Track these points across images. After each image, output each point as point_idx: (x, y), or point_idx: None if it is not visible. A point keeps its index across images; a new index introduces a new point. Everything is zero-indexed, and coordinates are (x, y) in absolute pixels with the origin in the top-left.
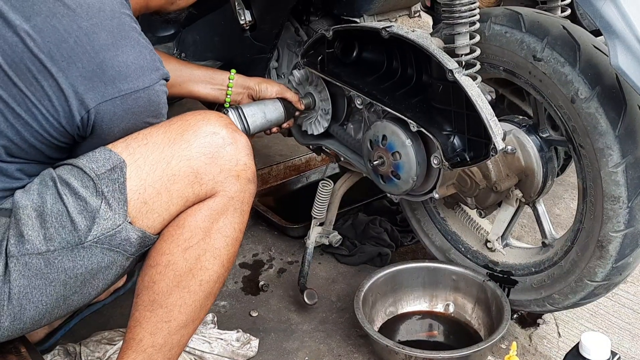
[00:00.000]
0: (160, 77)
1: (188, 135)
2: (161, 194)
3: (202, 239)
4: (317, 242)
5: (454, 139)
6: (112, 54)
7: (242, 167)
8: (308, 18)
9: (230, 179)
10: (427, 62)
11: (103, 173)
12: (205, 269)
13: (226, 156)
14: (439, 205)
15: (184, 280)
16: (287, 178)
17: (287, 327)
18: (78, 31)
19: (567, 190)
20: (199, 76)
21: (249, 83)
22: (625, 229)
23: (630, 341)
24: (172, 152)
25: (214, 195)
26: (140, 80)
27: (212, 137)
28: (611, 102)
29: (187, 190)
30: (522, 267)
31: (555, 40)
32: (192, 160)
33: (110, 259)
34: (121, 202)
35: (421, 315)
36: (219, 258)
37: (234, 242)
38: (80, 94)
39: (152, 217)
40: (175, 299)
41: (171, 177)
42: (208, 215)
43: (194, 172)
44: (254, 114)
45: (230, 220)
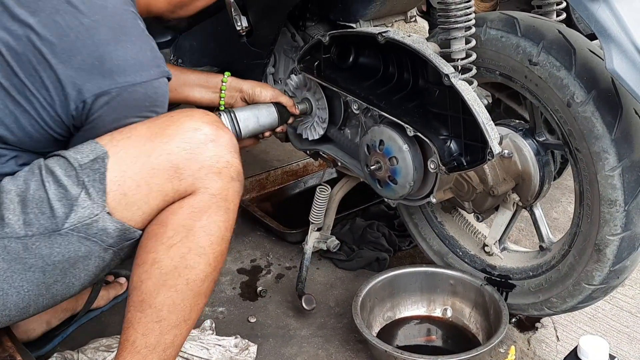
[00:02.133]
0: (160, 74)
1: (170, 130)
2: (140, 187)
3: (185, 236)
4: (315, 247)
5: (451, 144)
6: (112, 48)
7: (224, 165)
8: (304, 23)
9: (211, 176)
10: (423, 66)
11: (85, 163)
12: (191, 268)
13: (207, 152)
14: (436, 210)
15: (170, 279)
16: (285, 183)
17: (285, 333)
18: (79, 27)
19: (564, 193)
20: (193, 80)
21: (243, 86)
22: (622, 232)
23: (629, 344)
24: (153, 146)
25: (194, 193)
26: (138, 74)
27: (194, 132)
28: (607, 105)
29: (166, 185)
30: (520, 271)
31: (550, 44)
32: (172, 154)
33: (87, 248)
34: (100, 192)
35: (419, 320)
36: (205, 256)
37: (220, 241)
38: (77, 85)
39: (132, 210)
40: (164, 299)
41: (150, 171)
42: (190, 213)
43: (174, 166)
44: (247, 117)
45: (214, 219)
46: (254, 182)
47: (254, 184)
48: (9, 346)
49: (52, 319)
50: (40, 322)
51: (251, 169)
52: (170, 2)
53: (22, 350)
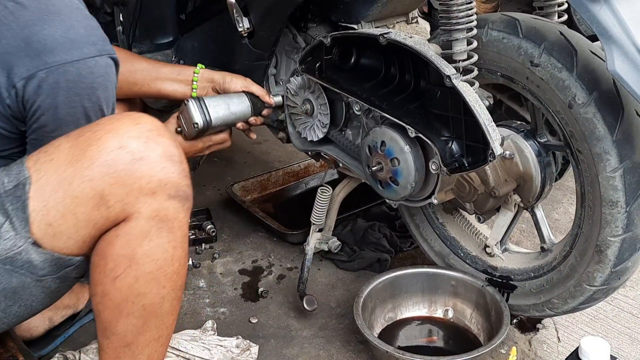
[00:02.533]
0: (97, 52)
1: (91, 151)
2: (66, 217)
3: (129, 266)
4: (316, 248)
5: (452, 145)
6: (38, 28)
7: (157, 184)
8: (306, 25)
9: (143, 199)
10: (425, 68)
11: (10, 189)
12: (144, 294)
13: (135, 174)
14: (437, 211)
15: (125, 308)
16: (286, 184)
17: (286, 334)
18: (3, 11)
19: (566, 195)
20: (165, 74)
21: (214, 76)
22: (623, 233)
23: (630, 345)
24: (74, 172)
25: (128, 219)
26: (69, 53)
27: (118, 153)
28: (608, 107)
29: (93, 214)
30: (521, 272)
31: (552, 45)
32: (95, 181)
33: (18, 279)
34: (23, 222)
35: (420, 321)
36: (155, 281)
37: (170, 262)
38: (6, 70)
39: (62, 239)
40: (125, 326)
41: (74, 199)
42: (126, 241)
43: (98, 194)
44: (217, 104)
45: (157, 242)
46: (256, 183)
47: (256, 185)
48: (12, 346)
49: (55, 316)
50: (43, 320)
51: (252, 170)
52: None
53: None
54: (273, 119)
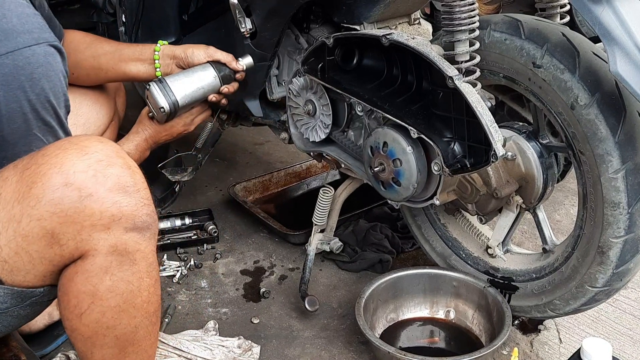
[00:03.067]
0: (34, 41)
1: (37, 189)
2: (20, 254)
3: (92, 302)
4: (318, 248)
5: (455, 146)
6: None
7: (110, 219)
8: (308, 26)
9: (97, 235)
10: (427, 69)
11: None
12: (113, 327)
13: (85, 211)
14: (439, 212)
15: (97, 340)
16: (288, 185)
17: (288, 334)
18: None
19: (568, 196)
20: (127, 55)
21: (176, 52)
22: (625, 234)
23: (632, 347)
24: (22, 210)
25: (85, 255)
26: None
27: (64, 190)
28: (611, 108)
29: (47, 252)
30: (523, 273)
31: (554, 47)
32: (43, 220)
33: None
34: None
35: (422, 322)
36: (125, 312)
37: (137, 293)
38: None
39: (21, 274)
40: (102, 355)
41: (25, 238)
42: (86, 278)
43: (48, 233)
44: (181, 82)
45: (120, 277)
46: (257, 183)
47: (257, 185)
48: (14, 346)
49: (54, 312)
50: (42, 315)
51: (254, 170)
52: None
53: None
54: (275, 120)
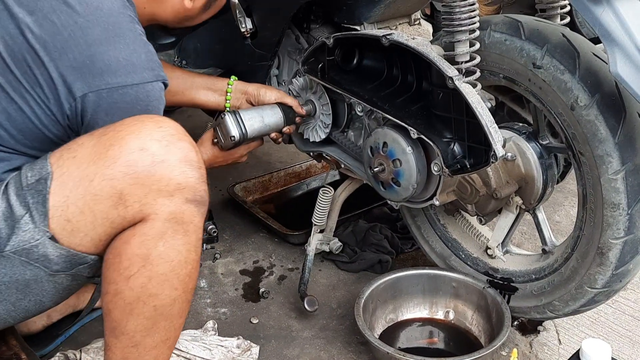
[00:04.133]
0: (154, 78)
1: (113, 151)
2: (84, 214)
3: (143, 266)
4: (317, 249)
5: (454, 146)
6: (104, 48)
7: (175, 187)
8: (309, 26)
9: (161, 201)
10: (427, 69)
11: (32, 183)
12: (156, 295)
13: (155, 176)
14: (439, 212)
15: (136, 307)
16: (288, 185)
17: (287, 334)
18: (73, 26)
19: (567, 197)
20: (200, 83)
21: (248, 88)
22: (625, 236)
23: (631, 348)
24: (96, 170)
25: (145, 219)
26: (130, 76)
27: (139, 154)
28: (611, 109)
29: (111, 212)
30: (522, 274)
31: (554, 47)
32: (115, 180)
33: (32, 272)
34: (42, 216)
35: (421, 323)
36: (168, 282)
37: (183, 264)
38: (68, 83)
39: (79, 236)
40: (134, 326)
41: (93, 197)
42: (142, 242)
43: (117, 193)
44: (252, 117)
45: (172, 244)
46: (257, 183)
47: (257, 185)
48: (14, 344)
49: (53, 313)
50: (41, 316)
51: (254, 170)
52: (177, 14)
53: (26, 349)
54: None
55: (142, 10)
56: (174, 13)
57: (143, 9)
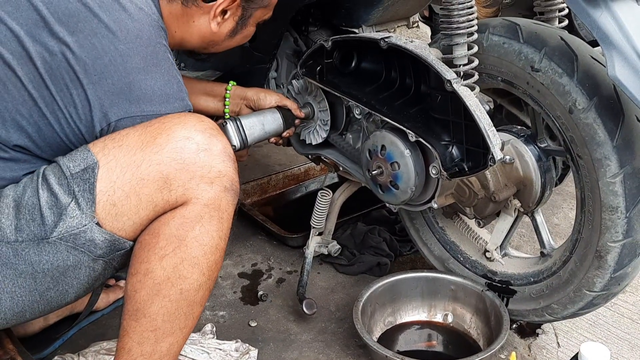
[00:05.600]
0: (184, 107)
1: (161, 139)
2: (130, 197)
3: (178, 246)
4: (316, 251)
5: (453, 149)
6: (142, 77)
7: (216, 174)
8: (307, 28)
9: (202, 186)
10: (425, 72)
11: (77, 172)
12: (185, 278)
13: (199, 162)
14: (437, 215)
15: (164, 288)
16: (286, 187)
17: (286, 337)
18: (114, 52)
19: (566, 200)
20: (198, 89)
21: (247, 93)
22: (623, 239)
23: (630, 351)
24: (143, 156)
25: (186, 203)
26: (164, 106)
27: (185, 142)
28: (609, 112)
29: (156, 195)
30: (521, 277)
31: (553, 51)
32: (162, 165)
33: (75, 258)
34: (89, 202)
35: (420, 325)
36: (198, 266)
37: (214, 250)
38: (105, 107)
39: (122, 220)
40: (158, 308)
41: (140, 181)
42: (181, 223)
43: (163, 177)
44: (252, 125)
45: (207, 229)
46: (256, 186)
47: (256, 188)
48: (11, 348)
49: (51, 315)
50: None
51: (252, 173)
52: (204, 40)
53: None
54: None
55: (173, 34)
56: (201, 37)
57: (174, 33)
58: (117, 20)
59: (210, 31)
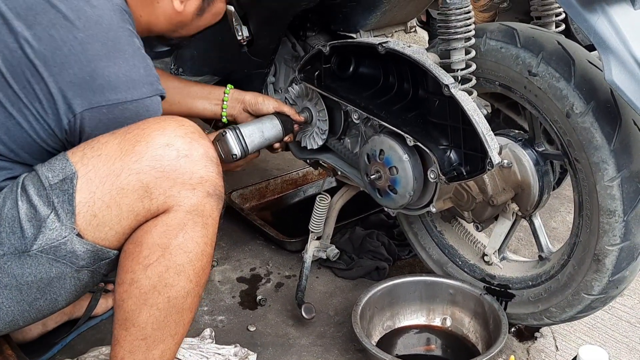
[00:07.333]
0: (153, 92)
1: (140, 147)
2: (111, 208)
3: (162, 255)
4: (314, 256)
5: (451, 153)
6: (104, 64)
7: (198, 180)
8: (305, 33)
9: (184, 193)
10: (423, 77)
11: (55, 183)
12: (171, 286)
13: (179, 169)
14: (435, 219)
15: (151, 297)
16: (285, 192)
17: (285, 342)
18: (73, 41)
19: (563, 203)
20: (196, 93)
21: (245, 97)
22: (621, 242)
23: (628, 354)
24: (122, 165)
25: (168, 210)
26: (130, 92)
27: (165, 149)
28: (606, 116)
29: (137, 205)
30: (519, 281)
31: (550, 55)
32: (142, 174)
33: (58, 269)
34: (69, 214)
35: (419, 329)
36: (184, 274)
37: (200, 257)
38: (68, 99)
39: (104, 230)
40: (146, 317)
41: (120, 191)
42: (164, 231)
43: (144, 186)
44: (252, 133)
45: (191, 235)
46: (254, 190)
47: (254, 192)
48: (9, 354)
49: (49, 321)
50: (36, 323)
51: (251, 177)
52: (171, 21)
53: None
54: None
55: (139, 19)
56: (167, 19)
57: (140, 18)
58: (76, 9)
59: (175, 11)
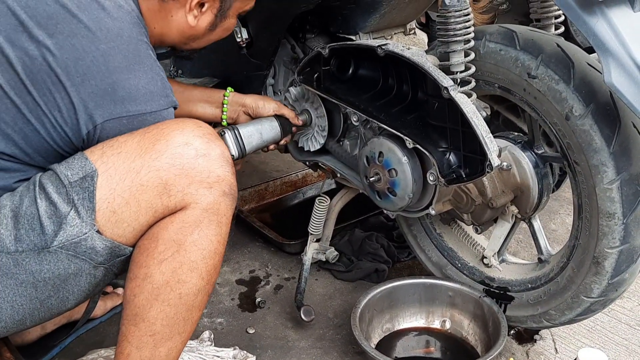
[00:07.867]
0: (169, 104)
1: (160, 145)
2: (130, 204)
3: (177, 251)
4: (313, 258)
5: (450, 156)
6: (125, 76)
7: (215, 179)
8: (304, 36)
9: (201, 191)
10: (422, 79)
11: (75, 181)
12: (183, 282)
13: (197, 168)
14: (435, 221)
15: (163, 293)
16: (284, 194)
17: (284, 344)
18: (95, 52)
19: (563, 205)
20: (196, 96)
21: (245, 100)
22: (620, 245)
23: (627, 357)
24: (143, 162)
25: (185, 208)
26: (149, 104)
27: (184, 148)
28: (605, 119)
29: (155, 201)
30: (519, 283)
31: (549, 57)
32: (161, 171)
33: (76, 266)
34: (89, 211)
35: (418, 332)
36: (197, 271)
37: (213, 255)
38: (89, 109)
39: (122, 227)
40: (156, 312)
41: (140, 187)
42: (180, 227)
43: (163, 183)
44: (250, 134)
45: (206, 233)
46: (253, 192)
47: (253, 194)
48: (8, 357)
49: (48, 324)
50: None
51: (250, 179)
52: (184, 35)
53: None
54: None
55: (153, 30)
56: (180, 32)
57: (153, 29)
58: (97, 20)
59: (189, 25)
